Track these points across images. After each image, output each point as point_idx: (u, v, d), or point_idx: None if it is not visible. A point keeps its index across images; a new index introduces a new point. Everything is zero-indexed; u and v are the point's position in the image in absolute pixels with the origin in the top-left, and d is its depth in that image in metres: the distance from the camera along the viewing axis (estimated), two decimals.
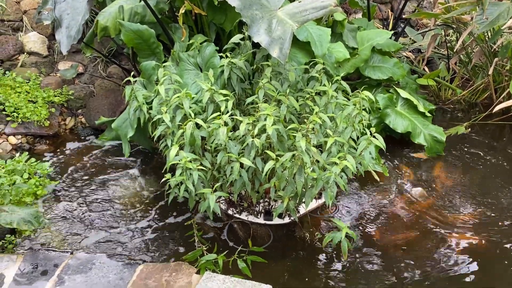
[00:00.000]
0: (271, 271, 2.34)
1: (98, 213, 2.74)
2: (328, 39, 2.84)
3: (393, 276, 2.34)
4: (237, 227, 2.60)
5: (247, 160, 2.12)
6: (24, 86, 3.44)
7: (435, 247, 2.51)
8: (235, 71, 2.53)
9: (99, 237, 2.57)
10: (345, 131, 2.28)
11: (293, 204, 2.21)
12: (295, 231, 2.59)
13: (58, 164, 3.16)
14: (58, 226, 2.64)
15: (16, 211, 2.36)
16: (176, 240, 2.56)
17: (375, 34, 3.43)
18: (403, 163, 3.18)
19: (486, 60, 3.77)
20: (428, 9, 4.81)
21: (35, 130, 3.34)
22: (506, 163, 3.21)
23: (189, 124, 2.21)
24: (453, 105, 3.87)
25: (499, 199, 2.85)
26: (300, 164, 2.08)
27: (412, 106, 3.36)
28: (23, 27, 3.85)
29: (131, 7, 2.93)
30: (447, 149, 3.23)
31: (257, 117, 2.23)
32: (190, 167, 2.12)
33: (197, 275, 2.19)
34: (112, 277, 2.22)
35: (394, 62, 3.42)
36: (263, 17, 2.31)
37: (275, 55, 2.21)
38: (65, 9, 2.85)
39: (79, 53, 3.84)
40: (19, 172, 2.84)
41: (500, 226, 2.65)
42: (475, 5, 3.34)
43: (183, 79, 2.66)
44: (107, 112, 3.48)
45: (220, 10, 2.97)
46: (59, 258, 2.33)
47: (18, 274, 2.22)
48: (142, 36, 2.86)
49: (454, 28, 3.77)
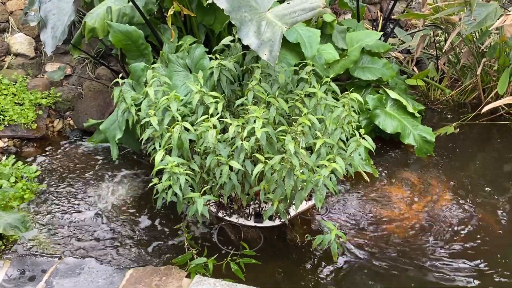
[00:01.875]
0: (262, 274, 2.34)
1: (87, 217, 2.71)
2: (317, 41, 2.84)
3: (384, 276, 2.35)
4: (227, 229, 2.59)
5: (236, 163, 2.11)
6: (11, 88, 3.39)
7: (426, 247, 2.52)
8: (225, 73, 2.52)
9: (88, 241, 2.54)
10: (335, 133, 2.28)
11: (283, 207, 2.20)
12: (286, 233, 2.59)
13: (46, 167, 3.12)
14: (45, 230, 2.61)
15: (2, 216, 2.33)
16: (166, 243, 2.54)
17: (364, 35, 3.43)
18: (392, 163, 3.19)
19: (474, 60, 3.80)
20: (417, 10, 4.83)
21: (22, 133, 3.29)
22: (495, 162, 3.24)
23: (176, 128, 2.19)
24: (442, 105, 3.89)
25: (489, 198, 2.88)
26: (289, 167, 2.07)
27: (402, 106, 3.37)
28: (9, 28, 3.80)
29: (119, 8, 2.90)
30: (436, 149, 3.25)
31: (246, 119, 2.22)
32: (176, 171, 2.10)
33: (187, 279, 2.18)
34: (101, 282, 2.20)
35: (384, 63, 3.43)
36: (252, 19, 2.30)
37: (265, 58, 2.20)
38: (51, 9, 2.82)
39: (67, 54, 3.80)
40: (5, 176, 2.80)
41: (490, 227, 2.67)
42: (463, 6, 3.36)
43: (172, 80, 2.64)
44: (96, 114, 3.44)
45: (209, 11, 2.96)
46: (47, 263, 2.30)
47: (5, 280, 2.19)
48: (131, 37, 2.84)
49: (443, 28, 3.80)
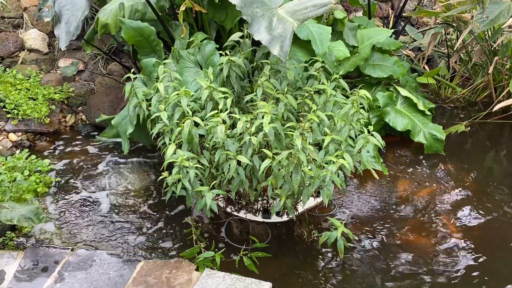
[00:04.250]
0: (270, 269, 2.35)
1: (98, 210, 2.76)
2: (328, 38, 2.84)
3: (391, 274, 2.35)
4: (235, 224, 2.62)
5: (244, 158, 2.13)
6: (25, 83, 3.45)
7: (435, 245, 2.51)
8: (235, 69, 2.54)
9: (99, 234, 2.59)
10: (343, 130, 2.28)
11: (290, 203, 2.22)
12: (294, 229, 2.61)
13: (59, 161, 3.18)
14: (58, 222, 2.66)
15: (16, 208, 2.38)
16: (175, 237, 2.58)
17: (375, 33, 3.43)
18: (402, 161, 3.19)
19: (486, 58, 3.76)
20: (428, 8, 4.79)
21: (36, 127, 3.35)
22: (506, 161, 3.21)
23: (187, 122, 2.21)
24: (453, 104, 3.87)
25: (498, 198, 2.86)
26: (297, 163, 2.08)
27: (412, 104, 3.36)
28: (24, 24, 3.85)
29: (132, 4, 2.93)
30: (447, 147, 3.23)
31: (255, 115, 2.23)
32: (186, 165, 2.12)
33: (197, 272, 2.20)
34: (112, 274, 2.24)
35: (394, 61, 3.42)
36: (263, 15, 2.31)
37: (275, 53, 2.21)
38: (65, 4, 2.86)
39: (80, 50, 3.85)
40: (19, 169, 2.85)
41: (496, 225, 2.65)
42: (476, 4, 3.33)
43: (183, 76, 2.67)
44: (108, 109, 3.49)
45: (220, 8, 2.97)
46: (60, 254, 2.34)
47: (18, 271, 2.24)
48: (143, 34, 2.87)
49: (455, 26, 3.77)
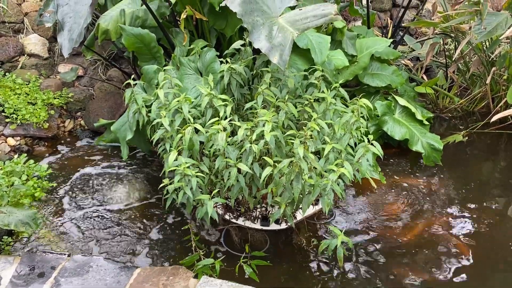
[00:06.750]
0: (268, 277, 2.35)
1: (95, 216, 2.75)
2: (327, 47, 2.86)
3: (390, 282, 2.35)
4: (234, 232, 2.61)
5: (244, 165, 2.13)
6: (24, 88, 3.45)
7: (434, 255, 2.52)
8: (235, 76, 2.55)
9: (96, 240, 2.57)
10: (343, 138, 2.29)
11: (290, 210, 2.22)
12: (292, 237, 2.60)
13: (57, 166, 3.17)
14: (55, 228, 2.65)
15: (14, 213, 2.36)
16: (173, 244, 2.57)
17: (374, 42, 3.45)
18: (399, 170, 3.20)
19: (484, 69, 3.80)
20: (427, 18, 4.84)
21: (34, 132, 3.34)
22: (503, 172, 3.23)
23: (188, 129, 2.22)
24: (451, 114, 3.89)
25: (495, 208, 2.87)
26: (298, 171, 2.09)
27: (410, 113, 3.38)
28: (24, 29, 3.86)
29: (133, 11, 2.95)
30: (444, 157, 3.25)
31: (255, 123, 2.24)
32: (188, 173, 2.13)
33: (194, 280, 2.19)
34: (109, 280, 2.22)
35: (393, 70, 3.45)
36: (264, 24, 2.33)
37: (275, 62, 2.22)
38: (68, 12, 2.87)
39: (80, 56, 3.86)
40: (17, 174, 2.84)
41: (493, 236, 2.66)
42: (474, 15, 3.37)
43: (183, 83, 2.68)
44: (107, 115, 3.49)
45: (221, 15, 2.99)
46: (56, 260, 2.33)
47: (15, 276, 2.22)
48: (143, 40, 2.88)
49: (453, 37, 3.80)
